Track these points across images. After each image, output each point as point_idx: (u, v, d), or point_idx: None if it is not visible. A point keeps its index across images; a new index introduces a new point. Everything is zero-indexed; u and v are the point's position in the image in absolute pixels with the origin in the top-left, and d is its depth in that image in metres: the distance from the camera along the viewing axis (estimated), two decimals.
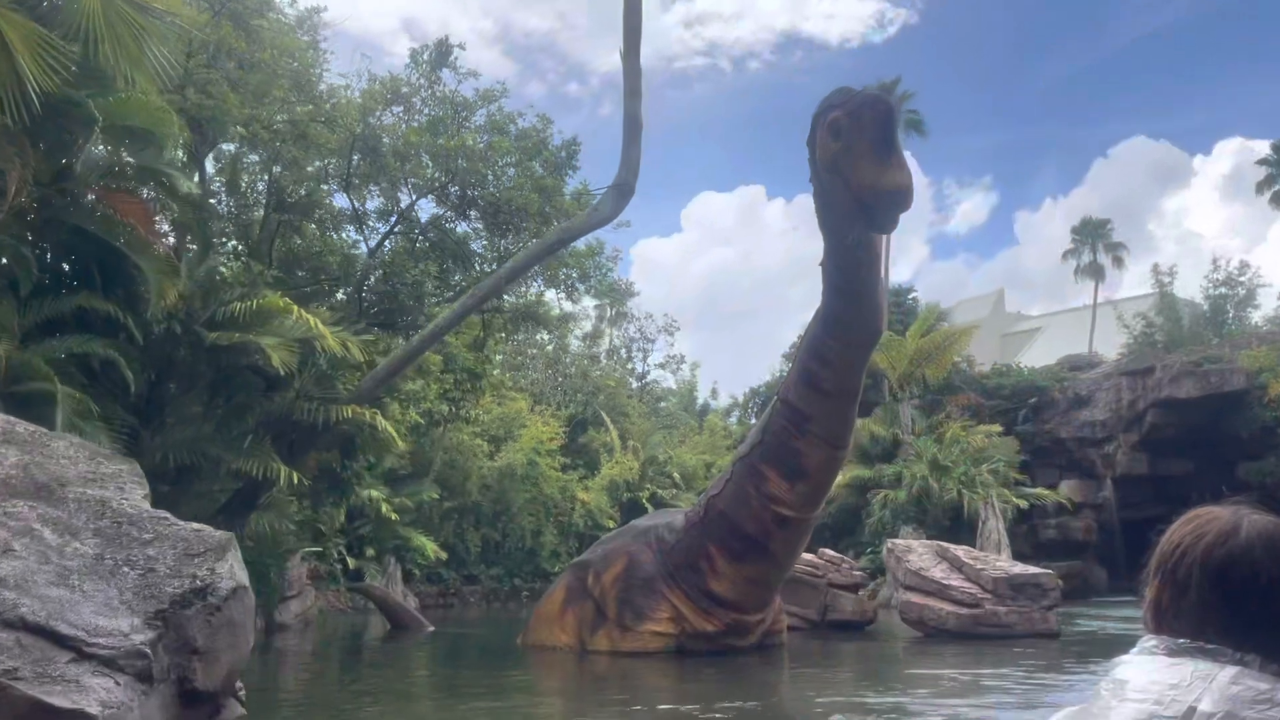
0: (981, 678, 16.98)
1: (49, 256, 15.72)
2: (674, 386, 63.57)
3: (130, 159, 14.97)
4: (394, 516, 36.21)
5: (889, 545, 24.39)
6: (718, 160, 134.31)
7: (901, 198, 13.70)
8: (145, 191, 15.32)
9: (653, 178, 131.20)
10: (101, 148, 14.16)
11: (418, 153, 20.33)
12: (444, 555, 38.07)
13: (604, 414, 45.56)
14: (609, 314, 68.61)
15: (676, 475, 44.95)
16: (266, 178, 21.17)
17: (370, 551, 36.68)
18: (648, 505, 43.03)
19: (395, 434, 18.82)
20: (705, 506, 18.02)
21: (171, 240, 16.99)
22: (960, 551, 23.47)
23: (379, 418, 18.19)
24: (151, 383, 17.22)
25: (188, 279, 17.34)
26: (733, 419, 55.49)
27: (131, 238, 14.84)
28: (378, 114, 20.47)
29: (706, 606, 17.87)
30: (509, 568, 41.13)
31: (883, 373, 42.02)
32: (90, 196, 15.71)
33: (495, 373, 45.14)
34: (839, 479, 39.95)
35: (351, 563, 35.97)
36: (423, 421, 32.44)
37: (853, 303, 15.42)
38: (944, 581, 22.31)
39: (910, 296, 50.19)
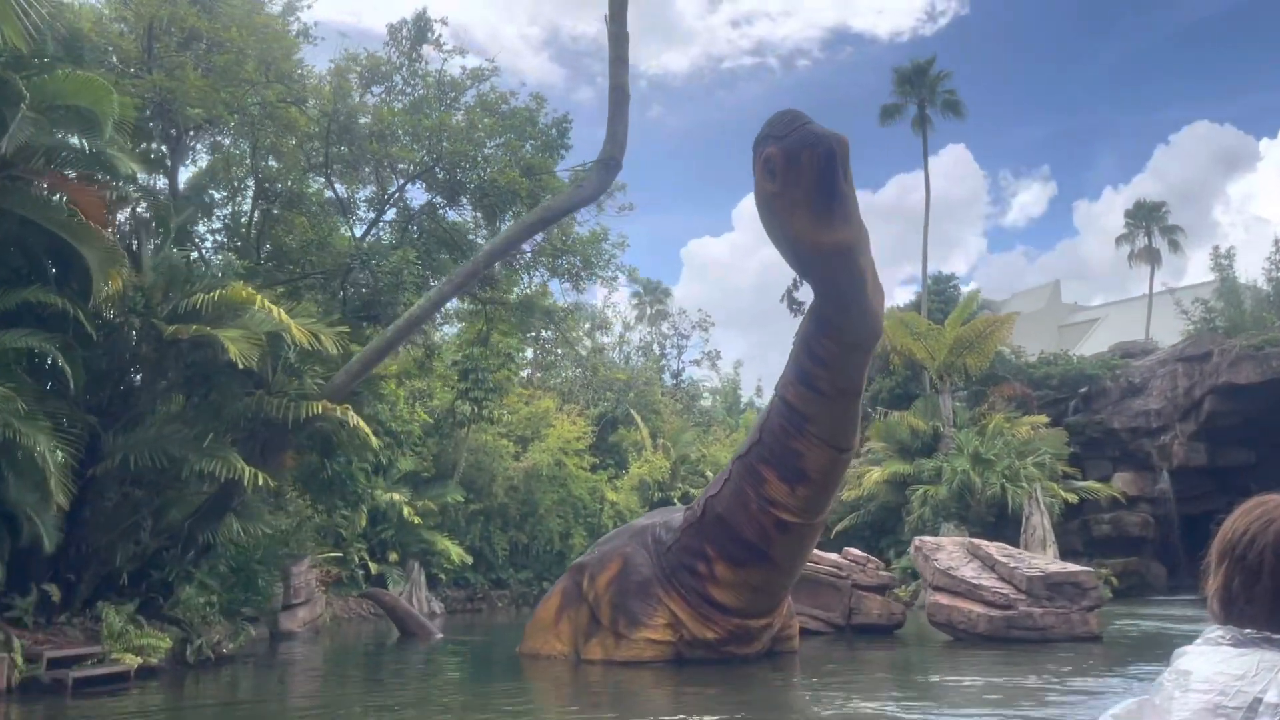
0: (1010, 686, 15.47)
1: None
2: (717, 384, 62.29)
3: (65, 140, 14.05)
4: (417, 520, 35.36)
5: (916, 543, 22.87)
6: None
7: (838, 265, 11.79)
8: (71, 174, 14.38)
9: (704, 177, 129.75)
10: (32, 130, 13.24)
11: (395, 133, 19.31)
12: (469, 559, 37.12)
13: (634, 412, 44.36)
14: (649, 312, 67.57)
15: (709, 473, 43.50)
16: (250, 166, 20.34)
17: (393, 556, 35.84)
18: (679, 505, 41.74)
19: (369, 432, 17.78)
20: (703, 507, 16.73)
21: (127, 229, 16.10)
22: (992, 549, 21.87)
23: (349, 413, 17.18)
24: (114, 381, 16.40)
25: (153, 271, 16.49)
26: None
27: (75, 225, 13.97)
28: (356, 94, 19.49)
29: (706, 612, 16.58)
30: (538, 571, 40.07)
31: (921, 363, 40.34)
32: (42, 184, 14.90)
33: (523, 373, 44.28)
34: (877, 475, 38.59)
35: (374, 568, 35.15)
36: (430, 420, 31.50)
37: (840, 310, 13.95)
38: (974, 581, 20.76)
39: (951, 285, 48.28)
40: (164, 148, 18.73)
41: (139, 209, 16.28)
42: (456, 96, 20.71)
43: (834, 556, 23.84)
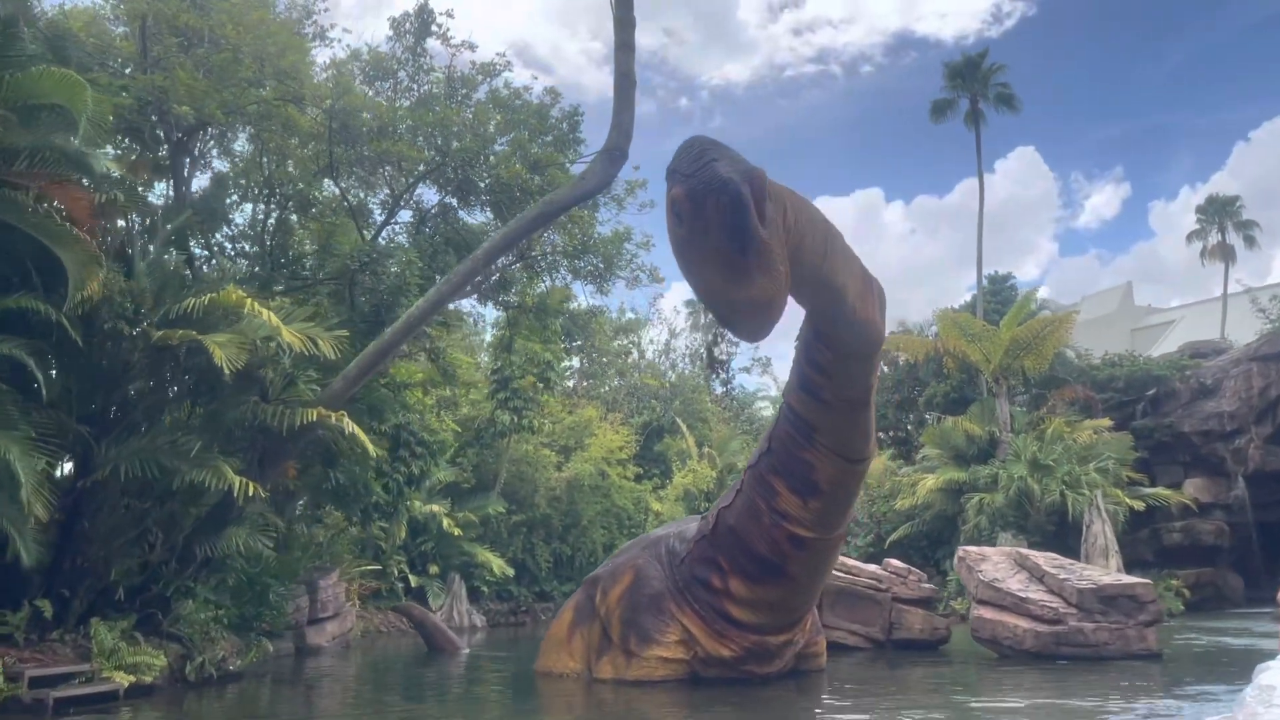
0: (1055, 708, 14.19)
1: None
2: (774, 393, 60.93)
3: (48, 141, 13.59)
4: (457, 532, 34.79)
5: (960, 553, 21.53)
6: (832, 166, 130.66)
7: (758, 323, 9.47)
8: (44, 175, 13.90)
9: None
10: (1, 129, 12.81)
11: (396, 130, 18.69)
12: (510, 572, 36.44)
13: (680, 420, 43.35)
14: (703, 320, 66.54)
15: None
16: (259, 169, 19.92)
17: (434, 569, 35.32)
18: None
19: (366, 440, 17.11)
20: (715, 519, 15.73)
21: (121, 233, 15.64)
22: (1041, 559, 20.46)
23: (345, 420, 16.52)
24: (107, 390, 15.94)
25: (146, 276, 16.01)
26: None
27: (53, 228, 13.51)
28: (357, 90, 18.89)
29: (721, 628, 15.54)
30: (581, 583, 39.26)
31: (977, 366, 38.77)
32: (29, 188, 14.48)
33: (569, 382, 43.62)
34: (931, 483, 37.07)
35: (414, 580, 34.66)
36: (458, 429, 30.88)
37: (828, 322, 12.83)
38: (1021, 594, 19.39)
39: (1008, 285, 46.48)
40: (164, 151, 18.36)
41: (132, 213, 15.78)
42: (468, 93, 20.09)
43: (873, 568, 22.60)
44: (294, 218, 20.95)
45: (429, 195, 20.97)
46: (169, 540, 16.67)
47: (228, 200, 21.10)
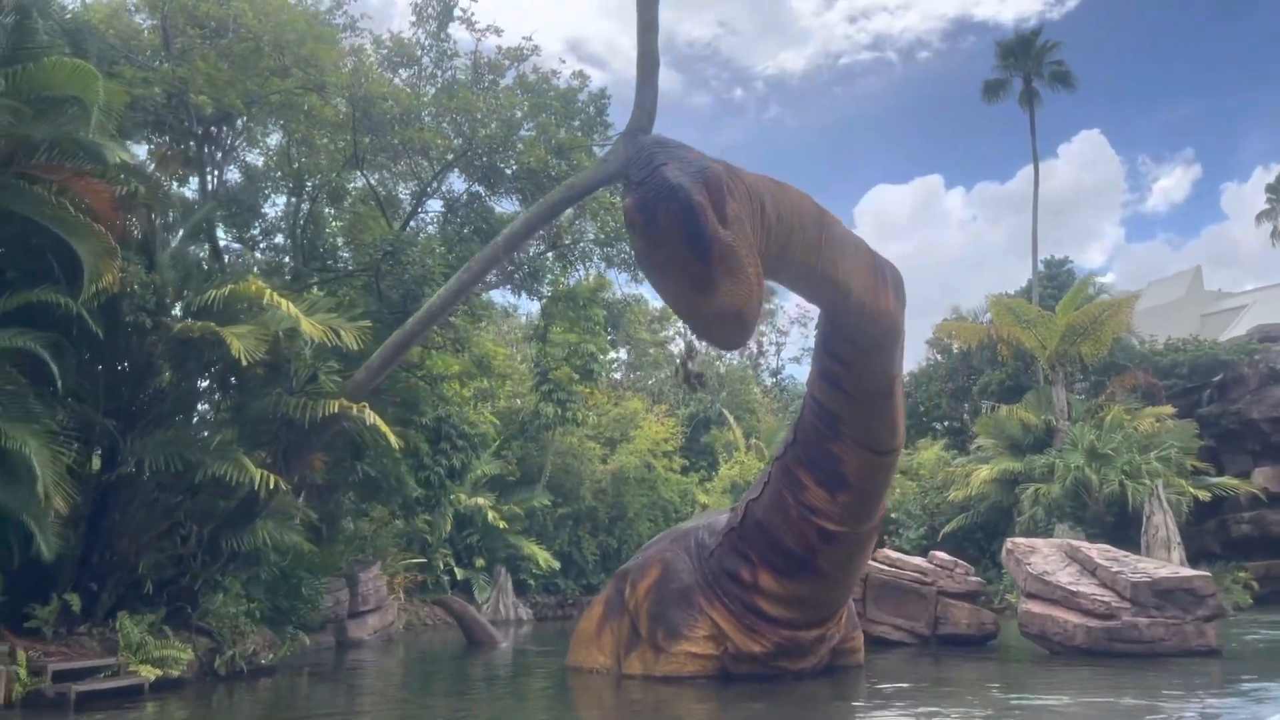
0: (1105, 707, 13.51)
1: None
2: None
3: (67, 133, 13.53)
4: (502, 525, 34.66)
5: (1008, 545, 20.74)
6: (890, 154, 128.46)
7: (731, 332, 8.33)
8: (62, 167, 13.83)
9: (824, 175, 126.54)
10: (11, 119, 12.75)
11: (420, 117, 18.42)
12: (556, 564, 36.23)
13: (727, 412, 42.79)
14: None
15: None
16: (287, 160, 19.85)
17: (479, 562, 35.23)
18: None
19: (388, 431, 16.87)
20: (743, 511, 15.25)
21: (144, 224, 15.57)
22: (1093, 551, 19.61)
23: (367, 411, 16.31)
24: (133, 383, 15.90)
25: (170, 268, 15.94)
26: None
27: (69, 220, 13.45)
28: (379, 77, 18.64)
29: (751, 623, 15.04)
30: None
31: (1032, 353, 37.61)
32: (50, 180, 14.46)
33: (615, 374, 43.31)
34: (985, 473, 36.07)
35: (460, 573, 34.60)
36: (497, 422, 30.64)
37: (840, 317, 12.26)
38: (1071, 588, 18.59)
39: (1065, 269, 45.11)
40: (190, 144, 18.33)
41: (155, 206, 15.70)
42: (495, 79, 19.76)
43: (918, 561, 21.91)
44: (327, 210, 20.83)
45: (459, 184, 20.77)
46: (198, 534, 16.61)
47: (260, 193, 21.07)
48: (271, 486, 15.13)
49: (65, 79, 13.13)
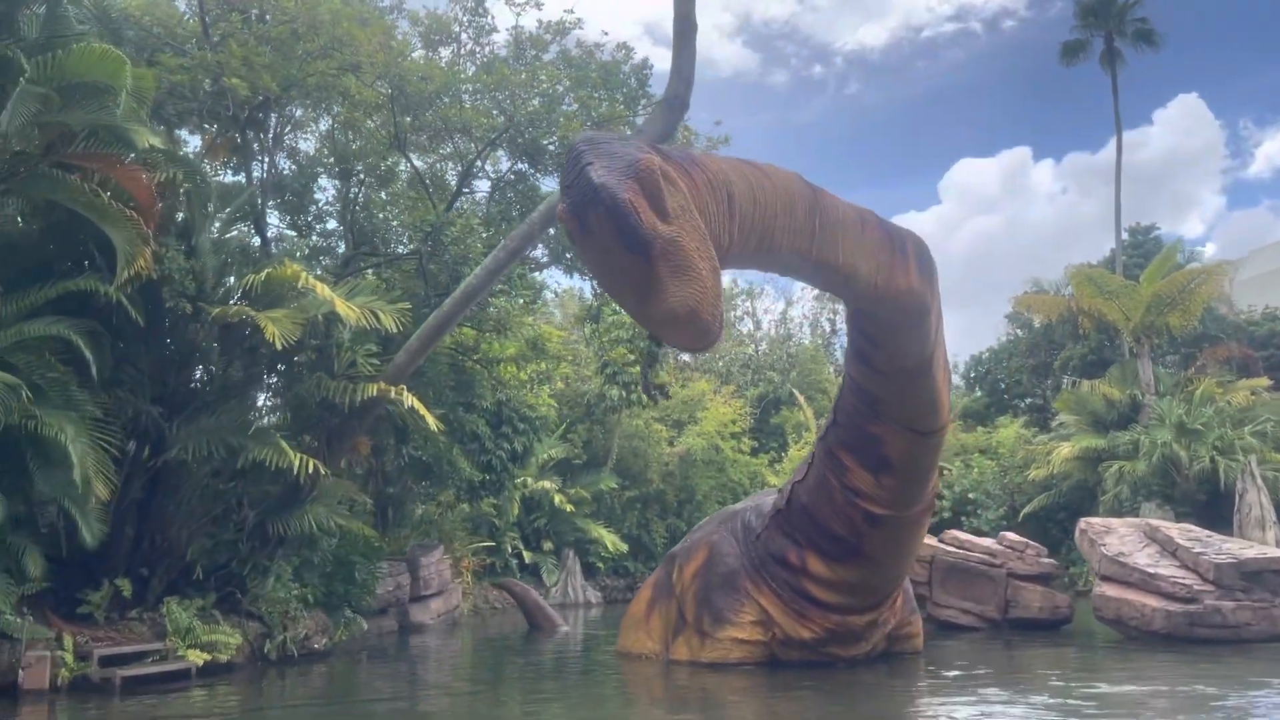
0: (1179, 698, 12.64)
1: (44, 238, 14.76)
2: None
3: (101, 121, 13.52)
4: (569, 508, 34.53)
5: (1082, 525, 19.72)
6: (976, 126, 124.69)
7: (690, 334, 7.40)
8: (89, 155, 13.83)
9: (907, 151, 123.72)
10: (39, 106, 12.75)
11: (459, 95, 18.09)
12: (624, 547, 35.97)
13: (797, 392, 41.93)
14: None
15: None
16: (331, 144, 19.78)
17: (547, 545, 35.17)
18: None
19: (426, 413, 16.63)
20: (789, 494, 14.68)
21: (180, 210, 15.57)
22: (1174, 531, 18.52)
23: (404, 394, 16.10)
24: (177, 369, 15.95)
25: (211, 254, 15.92)
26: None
27: (101, 206, 13.46)
28: (415, 56, 18.32)
29: (801, 608, 14.48)
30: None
31: (1115, 325, 36.04)
32: (90, 168, 14.54)
33: (684, 356, 42.74)
34: (1067, 451, 34.68)
35: (528, 557, 34.59)
36: (554, 404, 30.37)
37: (854, 300, 11.53)
38: (1150, 570, 17.58)
39: (1152, 236, 43.11)
40: (234, 133, 18.33)
41: (195, 192, 15.69)
42: (537, 54, 19.36)
43: (987, 542, 21.04)
44: (381, 194, 20.72)
45: (505, 164, 20.42)
46: (247, 519, 16.65)
47: (311, 178, 21.05)
48: (310, 471, 15.02)
49: (94, 65, 13.10)
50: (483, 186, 21.20)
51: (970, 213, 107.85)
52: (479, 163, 19.57)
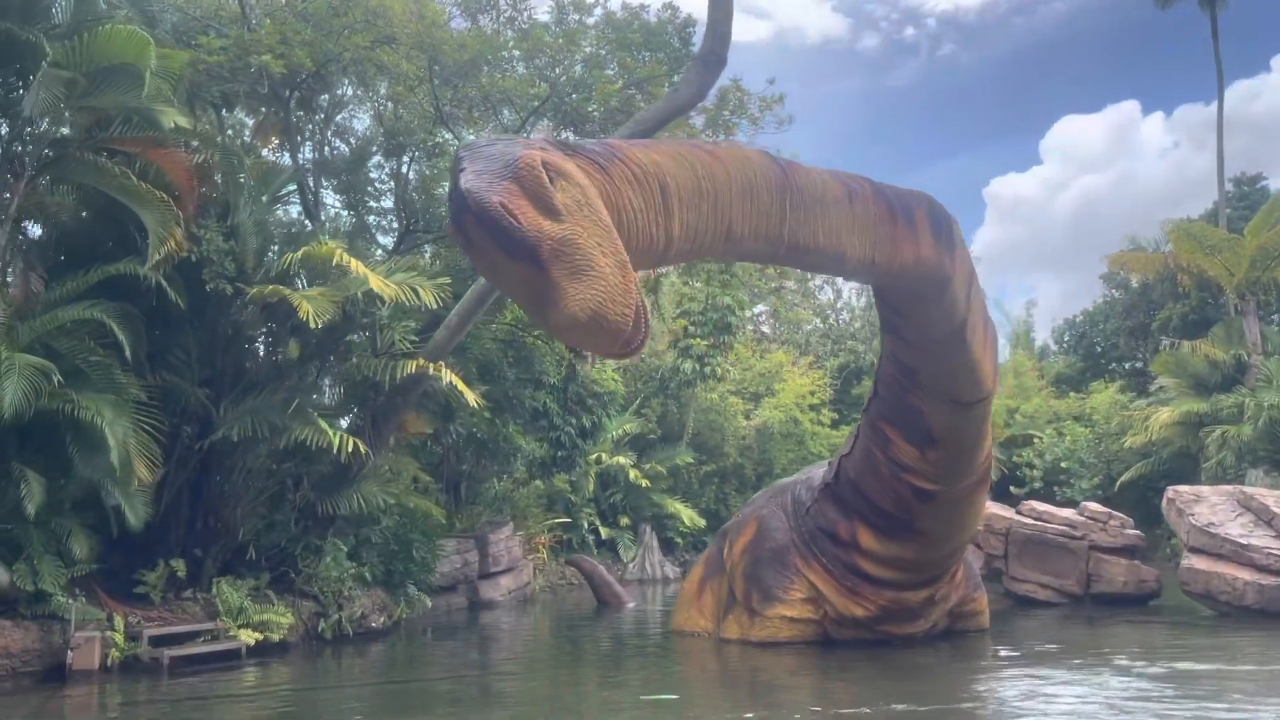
0: (1270, 679, 11.68)
1: (94, 224, 14.91)
2: (1008, 329, 56.60)
3: (136, 105, 13.52)
4: (645, 483, 34.25)
5: (1169, 494, 18.50)
6: (1079, 82, 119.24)
7: (602, 338, 6.41)
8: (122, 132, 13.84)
9: (1005, 111, 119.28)
10: (65, 90, 12.77)
11: (497, 63, 17.64)
12: (702, 522, 35.53)
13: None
14: None
15: None
16: (381, 121, 19.61)
17: (624, 521, 34.97)
18: None
19: (465, 389, 16.32)
20: (837, 468, 14.02)
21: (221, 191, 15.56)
22: (1270, 499, 17.24)
23: (444, 370, 15.83)
24: (222, 350, 16.00)
25: (253, 235, 15.88)
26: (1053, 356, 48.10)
27: (132, 188, 13.48)
28: (450, 26, 17.91)
29: (853, 584, 13.84)
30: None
31: (1218, 282, 33.99)
32: (131, 153, 14.62)
33: (749, 328, 41.95)
34: (1166, 416, 32.94)
35: (605, 532, 34.46)
36: (619, 378, 29.93)
37: (853, 277, 10.79)
38: (1242, 540, 16.39)
39: (1258, 187, 40.54)
40: (282, 112, 18.27)
41: (228, 173, 15.65)
42: (580, 18, 18.81)
43: (1067, 513, 19.96)
44: (428, 170, 20.52)
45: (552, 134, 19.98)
46: (299, 499, 16.69)
47: (365, 157, 20.96)
48: (351, 449, 14.91)
49: (120, 47, 13.07)
50: None
51: (1075, 172, 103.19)
52: (524, 133, 19.16)
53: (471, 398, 16.30)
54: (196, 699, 12.37)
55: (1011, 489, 37.18)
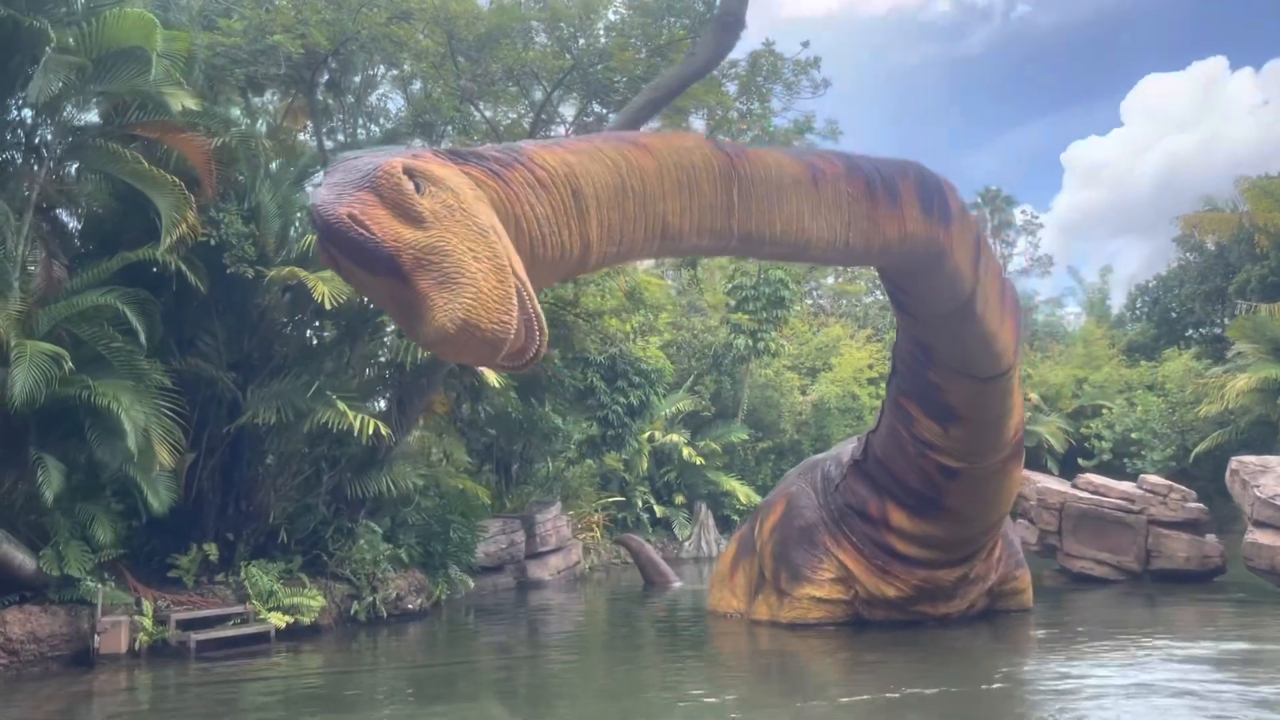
0: None
1: (121, 211, 14.96)
2: (1083, 296, 54.72)
3: (151, 91, 13.48)
4: (699, 461, 33.89)
5: (1233, 464, 17.48)
6: (1162, 39, 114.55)
7: (467, 351, 5.69)
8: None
9: (1084, 72, 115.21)
10: (74, 75, 12.75)
11: (516, 37, 17.22)
12: (758, 499, 34.99)
13: None
14: (990, 222, 61.08)
15: (1035, 396, 37.90)
16: (409, 100, 19.43)
17: (679, 499, 34.65)
18: None
19: (490, 372, 16.08)
20: (864, 445, 13.48)
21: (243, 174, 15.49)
22: None
23: None
24: (248, 334, 15.99)
25: (275, 218, 15.81)
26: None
27: (144, 173, 13.46)
28: None
29: (884, 563, 13.30)
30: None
31: None
32: (150, 138, 14.64)
33: (803, 303, 41.18)
34: (1243, 383, 31.44)
35: (659, 511, 34.18)
36: (663, 355, 29.47)
37: (828, 262, 10.19)
38: None
39: None
40: (304, 93, 18.18)
41: (244, 157, 15.58)
42: None
43: (1125, 486, 19.05)
44: (440, 145, 20.30)
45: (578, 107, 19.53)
46: (330, 481, 16.67)
47: (395, 137, 20.79)
48: (371, 431, 14.78)
49: (128, 30, 13.02)
50: (562, 134, 20.42)
51: (1159, 133, 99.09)
52: (551, 107, 18.79)
53: (492, 377, 16.07)
54: (212, 683, 12.38)
55: (1079, 461, 35.97)
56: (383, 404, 18.47)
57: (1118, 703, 9.18)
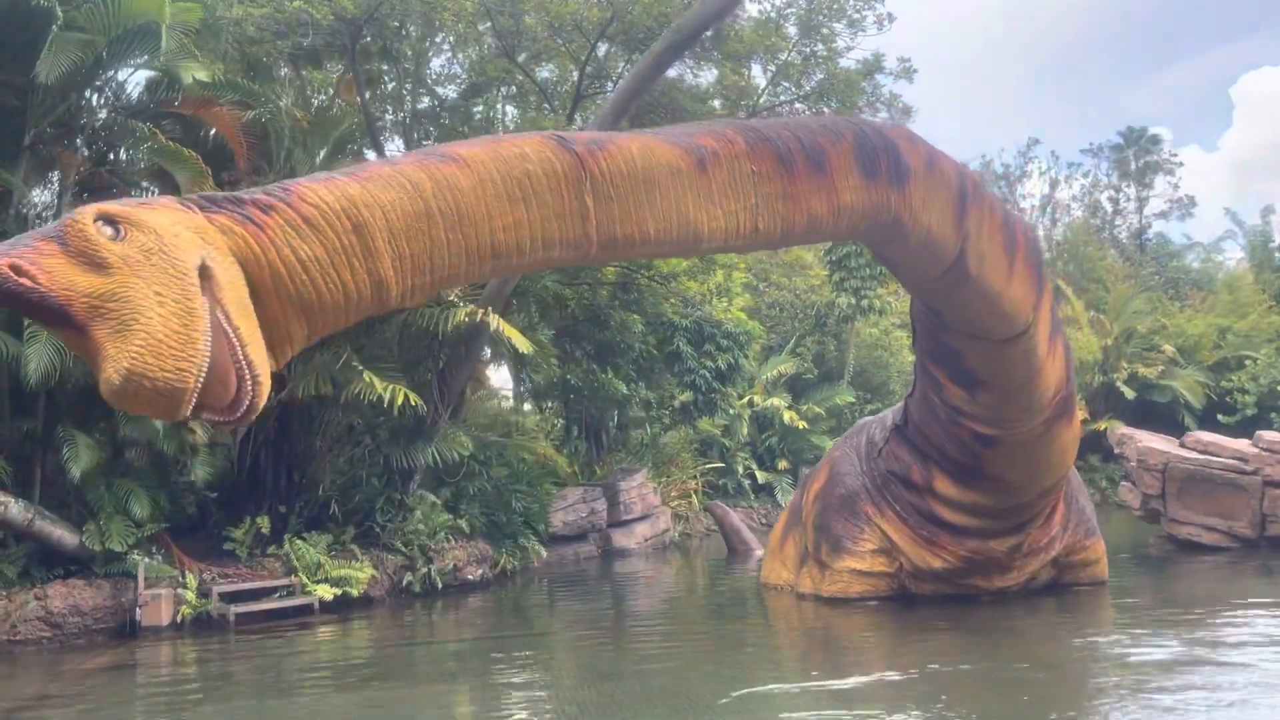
0: None
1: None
2: (1243, 240, 50.47)
3: (179, 70, 13.51)
4: (801, 425, 32.87)
5: None
6: (1275, 28, 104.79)
7: (144, 405, 4.64)
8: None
9: (1184, 62, 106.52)
10: (81, 53, 12.77)
11: None
12: None
13: (1063, 282, 37.13)
14: (1134, 165, 57.20)
15: (1169, 348, 35.09)
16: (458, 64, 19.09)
17: (782, 464, 33.74)
18: (1125, 390, 34.41)
19: (514, 334, 15.52)
20: (904, 410, 12.44)
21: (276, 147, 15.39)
22: None
23: (492, 317, 15.08)
24: None
25: None
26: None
27: (164, 149, 13.46)
28: None
29: (930, 533, 12.24)
30: None
31: None
32: (187, 115, 14.73)
33: None
34: None
35: (761, 476, 33.35)
36: (744, 316, 28.44)
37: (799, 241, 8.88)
38: None
39: None
40: (339, 66, 18.03)
41: (274, 128, 15.46)
42: None
43: (1238, 444, 17.22)
44: (509, 111, 19.89)
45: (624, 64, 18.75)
46: (378, 453, 16.59)
47: (452, 106, 20.54)
48: (400, 402, 14.53)
49: (139, 5, 12.98)
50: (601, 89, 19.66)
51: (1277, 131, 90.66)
52: (598, 60, 18.08)
53: (521, 344, 15.58)
54: (233, 657, 12.38)
55: (1220, 417, 33.19)
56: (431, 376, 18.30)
57: (1174, 695, 8.03)
